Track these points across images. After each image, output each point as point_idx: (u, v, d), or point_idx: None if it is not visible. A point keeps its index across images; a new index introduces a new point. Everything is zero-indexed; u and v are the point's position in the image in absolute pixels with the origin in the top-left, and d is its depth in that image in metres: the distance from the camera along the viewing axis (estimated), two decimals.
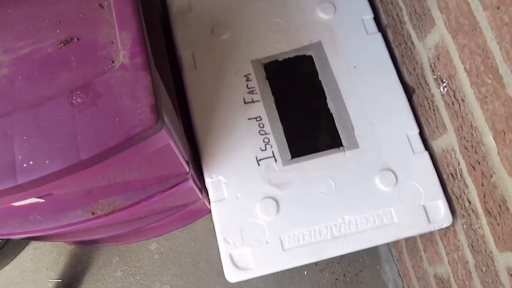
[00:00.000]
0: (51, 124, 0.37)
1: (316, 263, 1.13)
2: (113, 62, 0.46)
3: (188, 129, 0.77)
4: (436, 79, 0.71)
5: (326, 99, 0.79)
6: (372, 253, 1.14)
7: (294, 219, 0.70)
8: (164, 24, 0.85)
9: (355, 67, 0.81)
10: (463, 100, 0.63)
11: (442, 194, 0.72)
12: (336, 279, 1.12)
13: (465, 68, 0.61)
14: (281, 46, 0.83)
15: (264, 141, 0.75)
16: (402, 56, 0.81)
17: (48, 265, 1.13)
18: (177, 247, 1.14)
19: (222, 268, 1.12)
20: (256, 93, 0.79)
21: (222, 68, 0.81)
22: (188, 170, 0.62)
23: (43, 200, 0.50)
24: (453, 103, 0.67)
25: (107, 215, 0.62)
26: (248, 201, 0.71)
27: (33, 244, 1.15)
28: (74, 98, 0.38)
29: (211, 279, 1.11)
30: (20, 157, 0.36)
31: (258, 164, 0.74)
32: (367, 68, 0.81)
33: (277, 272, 1.11)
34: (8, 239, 1.00)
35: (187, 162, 0.61)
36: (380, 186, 0.72)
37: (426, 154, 0.74)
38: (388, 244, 1.14)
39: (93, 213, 0.60)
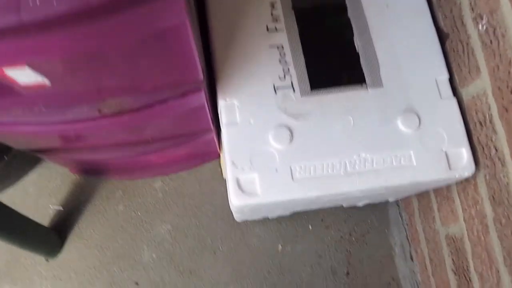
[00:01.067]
0: None
1: (322, 219, 1.11)
2: None
3: (205, 52, 0.74)
4: (474, 18, 0.66)
5: (353, 35, 0.75)
6: (381, 215, 1.11)
7: (307, 150, 0.67)
8: None
9: (387, 6, 0.77)
10: (503, 36, 0.59)
11: (466, 142, 0.68)
12: (341, 237, 1.10)
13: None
14: None
15: (283, 70, 0.72)
16: None
17: (50, 192, 1.13)
18: (182, 188, 1.13)
19: (226, 214, 1.11)
20: (280, 22, 0.75)
21: None
22: (202, 78, 0.59)
23: (49, 84, 0.48)
24: (491, 42, 0.62)
25: (114, 116, 0.60)
26: (261, 128, 0.68)
27: (38, 170, 1.15)
28: None
29: (214, 223, 1.10)
30: None
31: (275, 93, 0.71)
32: (401, 9, 0.77)
33: (281, 224, 1.10)
34: (13, 158, 1.00)
35: (202, 71, 0.58)
36: (401, 128, 0.68)
37: (454, 100, 0.70)
38: (399, 207, 1.11)
39: (99, 111, 0.58)
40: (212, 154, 1.12)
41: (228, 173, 0.67)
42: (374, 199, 0.99)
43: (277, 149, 0.67)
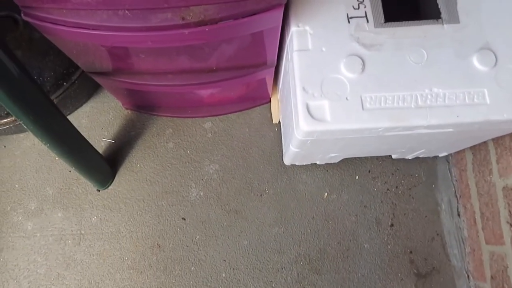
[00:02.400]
0: None
1: (369, 170, 1.11)
2: None
3: None
4: None
5: None
6: (430, 170, 1.11)
7: (378, 81, 0.67)
8: None
9: None
10: None
11: None
12: (388, 189, 1.11)
13: None
14: None
15: (358, 0, 0.71)
16: None
17: (103, 125, 1.16)
18: (231, 130, 1.15)
19: (274, 158, 1.13)
20: None
21: None
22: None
23: None
24: None
25: (196, 25, 0.61)
26: (332, 56, 0.69)
27: (91, 103, 1.18)
28: None
29: (261, 166, 1.12)
30: None
31: (348, 22, 0.70)
32: None
33: (328, 172, 1.11)
34: (71, 84, 1.03)
35: None
36: (476, 65, 0.68)
37: None
38: (448, 163, 1.10)
39: (183, 18, 0.59)
40: (263, 97, 1.13)
41: (298, 98, 0.68)
42: (429, 149, 0.98)
43: (348, 78, 0.68)
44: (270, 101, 1.14)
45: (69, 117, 1.16)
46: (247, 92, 1.06)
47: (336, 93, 0.67)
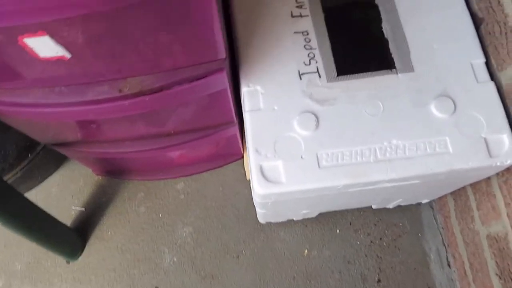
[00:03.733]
0: None
1: (350, 223, 1.06)
2: None
3: (228, 41, 0.73)
4: None
5: (381, 20, 0.73)
6: (414, 219, 1.06)
7: (334, 137, 0.64)
8: None
9: None
10: None
11: (507, 128, 0.64)
12: (371, 241, 1.05)
13: None
14: None
15: (309, 56, 0.70)
16: None
17: (73, 193, 1.13)
18: (204, 189, 1.11)
19: (249, 216, 1.09)
20: (305, 8, 0.74)
21: None
22: (224, 56, 0.58)
23: (68, 56, 0.47)
24: None
25: (135, 96, 0.59)
26: (285, 114, 0.66)
27: (61, 171, 1.15)
28: None
29: (237, 226, 1.07)
30: None
31: (300, 78, 0.68)
32: None
33: (307, 227, 1.06)
34: (36, 155, 1.01)
35: (225, 49, 0.57)
36: (435, 113, 0.65)
37: (491, 84, 0.66)
38: (433, 210, 1.06)
39: (120, 90, 0.57)
40: (235, 154, 1.10)
41: (251, 160, 0.65)
42: (406, 198, 0.94)
43: (302, 135, 0.65)
44: (242, 157, 1.11)
45: (38, 187, 1.14)
46: (217, 149, 1.04)
47: (291, 152, 0.64)
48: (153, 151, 0.88)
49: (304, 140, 0.65)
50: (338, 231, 1.06)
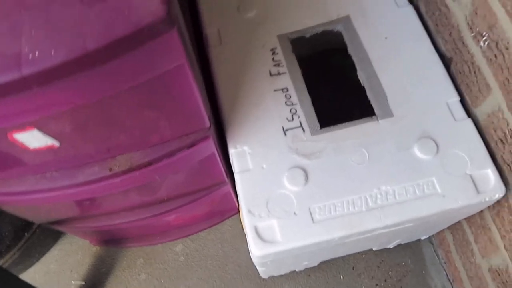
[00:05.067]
0: (59, 19, 0.36)
1: (353, 267, 1.05)
2: None
3: (212, 105, 0.76)
4: (474, 36, 0.66)
5: (356, 70, 0.76)
6: (415, 256, 1.06)
7: (324, 189, 0.65)
8: (190, 4, 0.87)
9: (386, 38, 0.78)
10: (507, 48, 0.59)
11: (490, 162, 0.65)
12: (376, 284, 1.04)
13: (506, 11, 0.57)
14: (308, 21, 0.81)
15: (291, 112, 0.72)
16: (437, 25, 0.77)
17: (72, 266, 1.12)
18: (203, 249, 1.10)
19: (252, 272, 1.07)
20: (283, 66, 0.77)
21: (248, 43, 0.80)
22: (208, 125, 0.59)
23: (58, 144, 0.48)
24: (495, 56, 0.62)
25: (125, 173, 0.60)
26: (274, 172, 0.67)
27: (59, 245, 1.14)
28: None
29: (239, 283, 1.06)
30: (26, 49, 0.35)
31: (285, 135, 0.70)
32: (400, 39, 0.77)
33: (310, 277, 1.05)
34: (33, 233, 1.00)
35: (209, 118, 0.59)
36: (419, 155, 0.67)
37: (469, 121, 0.69)
38: (433, 245, 1.05)
39: (110, 169, 0.59)
40: (231, 209, 1.10)
41: (246, 222, 0.65)
42: (404, 237, 0.95)
43: (293, 191, 0.66)
44: (239, 211, 1.11)
45: (37, 264, 1.12)
46: (212, 208, 1.04)
47: (284, 210, 0.65)
48: (148, 219, 0.88)
49: (296, 196, 0.65)
50: (342, 277, 1.05)
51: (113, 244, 1.10)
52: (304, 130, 0.70)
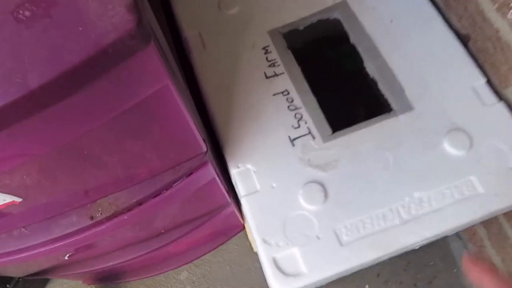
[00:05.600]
0: None
1: (378, 274, 0.97)
2: None
3: (204, 122, 0.66)
4: (499, 8, 0.58)
5: (363, 61, 0.67)
6: (444, 254, 0.97)
7: (348, 204, 0.56)
8: (164, 5, 0.77)
9: (391, 21, 0.69)
10: None
11: None
12: None
13: None
14: (300, 12, 0.72)
15: (296, 117, 0.63)
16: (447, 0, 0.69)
17: None
18: (211, 274, 1.01)
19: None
20: (279, 65, 0.67)
21: (235, 44, 0.70)
22: (205, 149, 0.50)
23: (19, 199, 0.39)
24: None
25: (110, 218, 0.50)
26: (286, 190, 0.58)
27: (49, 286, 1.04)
28: (21, 12, 0.28)
29: None
30: None
31: (293, 145, 0.61)
32: (407, 20, 0.68)
33: None
34: (16, 283, 0.90)
35: (204, 141, 0.49)
36: (451, 151, 0.58)
37: (501, 105, 0.60)
38: (462, 240, 0.97)
39: (92, 218, 0.49)
40: (236, 227, 1.01)
41: (262, 254, 0.56)
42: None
43: (312, 211, 0.57)
44: (244, 227, 1.02)
45: None
46: (216, 229, 0.95)
47: (304, 235, 0.56)
48: (144, 255, 0.78)
49: (316, 216, 0.56)
50: (367, 286, 0.97)
51: (108, 281, 1.00)
52: (314, 137, 0.61)
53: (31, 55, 0.27)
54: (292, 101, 0.64)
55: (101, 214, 0.49)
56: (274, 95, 0.65)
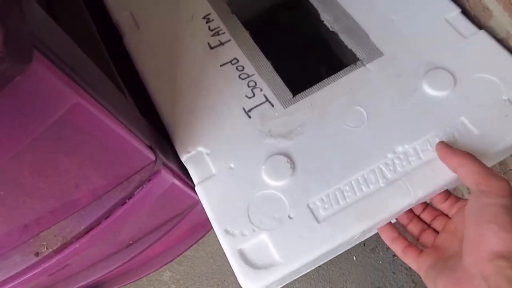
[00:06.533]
0: None
1: (364, 243, 0.81)
2: None
3: (151, 112, 0.49)
4: None
5: (317, 11, 0.51)
6: None
7: (321, 173, 0.40)
8: None
9: None
10: None
11: None
12: (394, 255, 0.81)
13: None
14: None
15: (249, 86, 0.46)
16: None
17: None
18: (194, 270, 0.84)
19: None
20: (224, 33, 0.50)
21: (172, 18, 0.53)
22: (154, 158, 0.36)
23: None
24: None
25: (58, 251, 0.35)
26: (247, 169, 0.41)
27: None
28: None
29: None
30: None
31: (249, 117, 0.44)
32: None
33: (321, 267, 0.80)
34: None
35: (150, 148, 0.34)
36: (433, 93, 0.42)
37: (482, 34, 0.44)
38: None
39: (37, 254, 0.35)
40: None
41: (225, 248, 0.39)
42: None
43: (279, 187, 0.40)
44: None
45: None
46: (191, 225, 0.78)
47: (273, 217, 0.39)
48: (119, 266, 0.61)
49: (285, 193, 0.40)
50: (354, 258, 0.81)
51: None
52: (272, 105, 0.45)
53: None
54: (243, 69, 0.48)
55: (47, 248, 0.36)
56: (221, 65, 0.48)
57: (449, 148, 0.37)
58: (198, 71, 0.49)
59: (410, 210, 0.41)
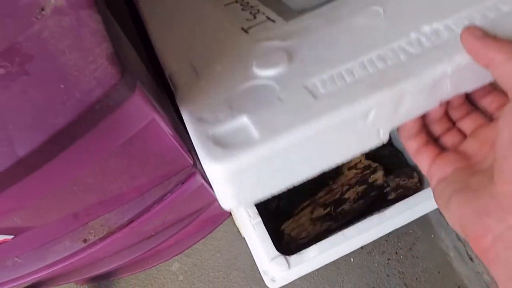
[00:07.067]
0: None
1: (362, 247, 0.53)
2: (42, 9, 0.12)
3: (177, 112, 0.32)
4: None
5: None
6: (421, 221, 0.55)
7: (325, 56, 0.20)
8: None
9: None
10: None
11: None
12: (388, 259, 0.51)
13: None
14: None
15: (251, 13, 0.29)
16: None
17: None
18: (202, 262, 0.57)
19: (258, 275, 0.51)
20: None
21: None
22: (192, 162, 0.26)
23: (10, 236, 0.19)
24: None
25: (103, 239, 0.25)
26: (236, 67, 0.21)
27: None
28: None
29: None
30: None
31: (247, 32, 0.26)
32: None
33: (320, 268, 0.52)
34: None
35: (189, 152, 0.24)
36: None
37: None
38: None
39: (85, 241, 0.25)
40: (223, 215, 0.59)
41: (193, 135, 0.18)
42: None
43: (272, 76, 0.20)
44: (230, 214, 0.61)
45: None
46: (204, 220, 0.54)
47: (258, 101, 0.18)
48: (136, 257, 0.40)
49: (278, 82, 0.19)
50: (352, 259, 0.52)
51: (101, 279, 0.56)
52: (274, 21, 0.27)
53: (14, 120, 0.12)
54: (248, 3, 0.31)
55: (94, 236, 0.26)
56: (226, 5, 0.32)
57: (481, 37, 0.16)
58: (199, 13, 0.31)
59: (441, 108, 0.19)
